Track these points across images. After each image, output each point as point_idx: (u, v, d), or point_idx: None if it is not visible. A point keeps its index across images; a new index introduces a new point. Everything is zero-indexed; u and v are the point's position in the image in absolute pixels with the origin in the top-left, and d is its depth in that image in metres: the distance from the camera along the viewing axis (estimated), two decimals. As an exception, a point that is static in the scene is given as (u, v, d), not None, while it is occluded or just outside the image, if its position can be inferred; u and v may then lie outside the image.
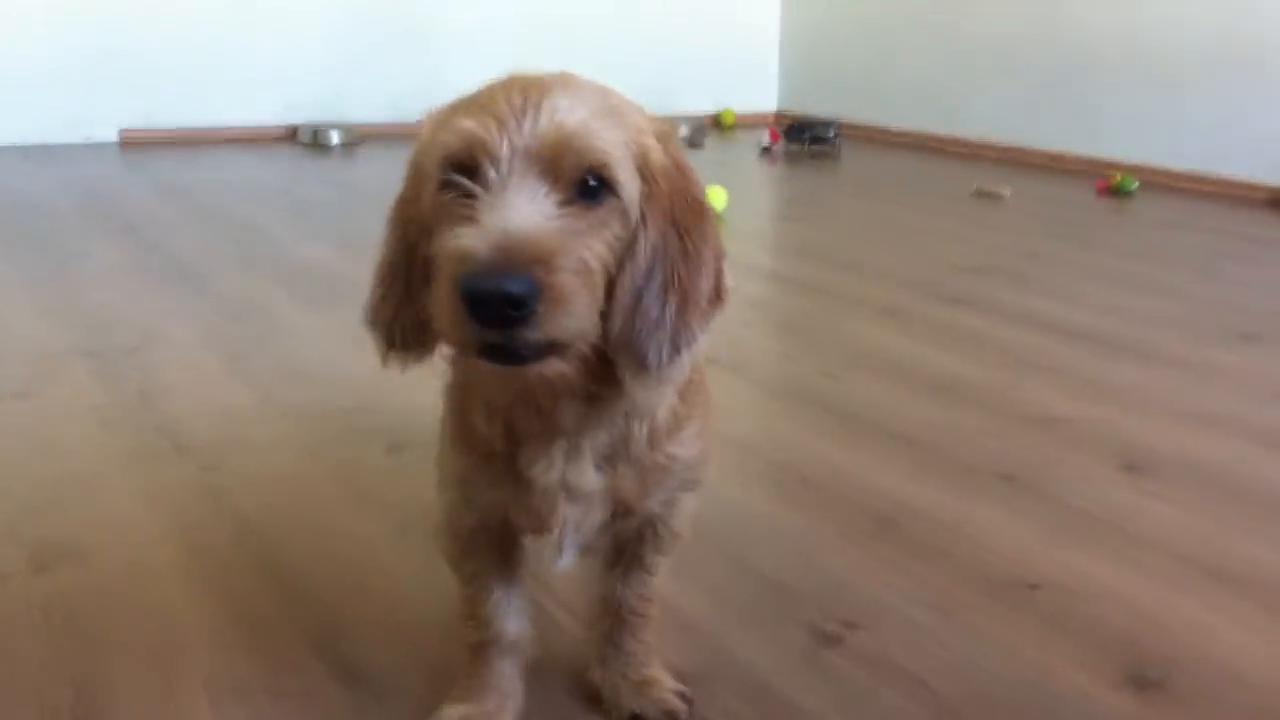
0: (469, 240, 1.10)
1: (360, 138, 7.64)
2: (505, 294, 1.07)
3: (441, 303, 1.13)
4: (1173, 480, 2.50)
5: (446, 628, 1.76)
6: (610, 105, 1.23)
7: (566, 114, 1.17)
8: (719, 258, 1.28)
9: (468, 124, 1.17)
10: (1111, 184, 6.27)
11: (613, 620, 1.64)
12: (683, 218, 1.24)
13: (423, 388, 1.46)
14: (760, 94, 9.72)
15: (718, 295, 1.27)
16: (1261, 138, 6.21)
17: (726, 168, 7.21)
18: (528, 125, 1.15)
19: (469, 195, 1.15)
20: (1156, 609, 1.96)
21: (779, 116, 9.52)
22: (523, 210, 1.12)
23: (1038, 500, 2.39)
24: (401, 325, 1.29)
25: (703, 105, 9.31)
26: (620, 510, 1.44)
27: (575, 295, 1.12)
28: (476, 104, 1.20)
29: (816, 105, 8.99)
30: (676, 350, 1.23)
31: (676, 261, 1.23)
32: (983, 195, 6.13)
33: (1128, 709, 1.69)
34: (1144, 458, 2.61)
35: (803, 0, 9.41)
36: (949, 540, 2.20)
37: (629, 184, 1.20)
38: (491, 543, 1.53)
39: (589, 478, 1.37)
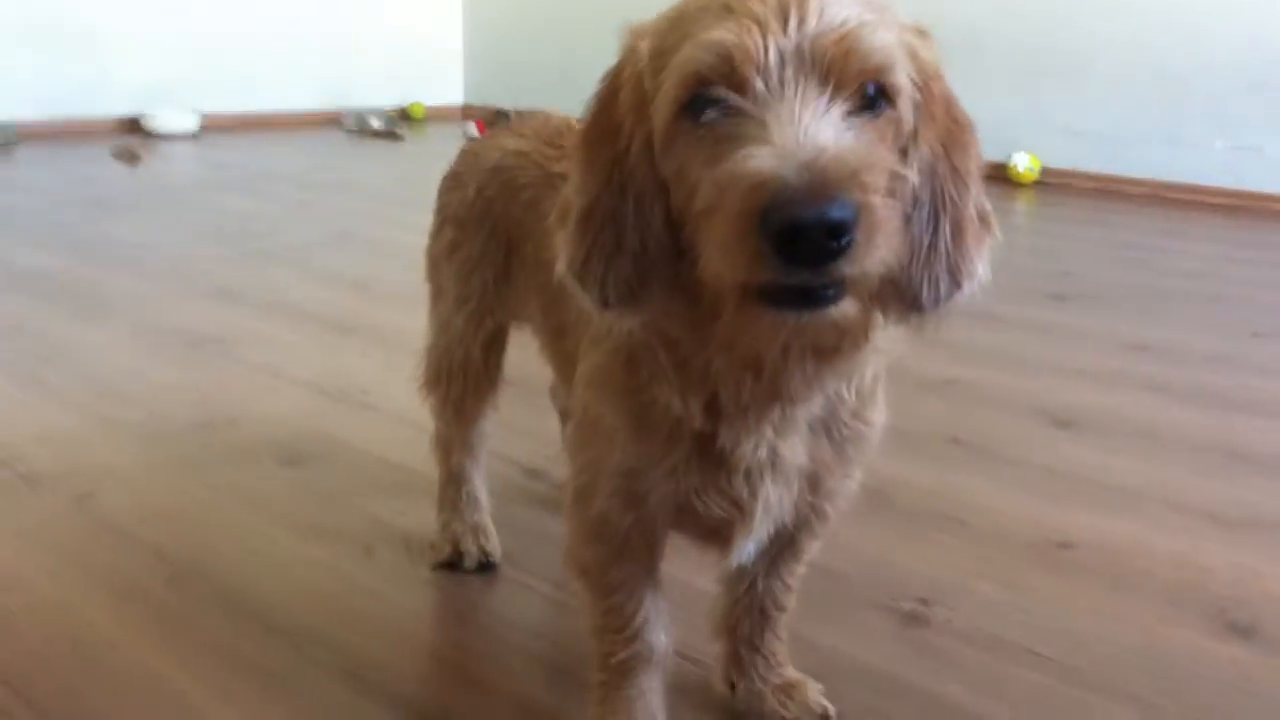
0: (767, 162, 0.87)
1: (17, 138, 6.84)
2: (829, 222, 0.85)
3: (728, 240, 0.88)
4: (1104, 433, 2.54)
5: (489, 655, 1.55)
6: None
7: (837, 10, 0.95)
8: (982, 177, 1.10)
9: (720, 33, 0.93)
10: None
11: (754, 619, 1.45)
12: (948, 130, 1.06)
13: (257, 389, 1.17)
14: (446, 86, 9.47)
15: (986, 221, 1.08)
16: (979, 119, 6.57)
17: (441, 159, 6.89)
18: (794, 26, 0.93)
19: (731, 114, 0.93)
20: (1194, 556, 1.96)
21: (467, 109, 9.29)
22: (817, 123, 0.91)
23: (997, 461, 2.35)
24: (615, 280, 1.03)
25: (388, 99, 8.95)
26: (807, 488, 1.23)
27: (889, 221, 0.91)
28: (717, 7, 0.96)
29: (503, 97, 8.76)
30: (956, 284, 1.04)
31: (946, 181, 1.05)
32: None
33: (1244, 656, 1.66)
34: (1065, 413, 2.64)
35: (488, -10, 9.25)
36: (951, 507, 2.12)
37: (906, 91, 1.00)
38: (643, 544, 1.29)
39: (798, 451, 1.17)
